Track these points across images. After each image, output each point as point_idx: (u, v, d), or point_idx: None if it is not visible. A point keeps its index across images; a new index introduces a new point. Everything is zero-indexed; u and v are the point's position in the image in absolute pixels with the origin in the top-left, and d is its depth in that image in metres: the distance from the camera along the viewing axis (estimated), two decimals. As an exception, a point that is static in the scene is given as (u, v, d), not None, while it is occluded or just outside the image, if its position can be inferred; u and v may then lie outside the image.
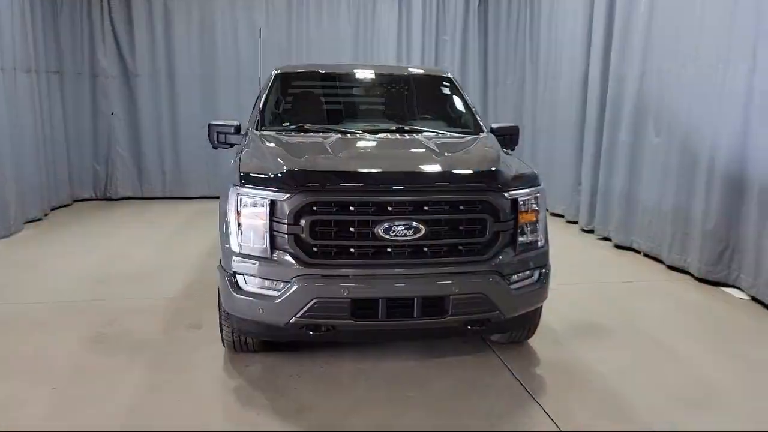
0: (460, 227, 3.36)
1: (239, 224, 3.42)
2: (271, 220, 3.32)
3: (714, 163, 5.47)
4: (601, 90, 7.36)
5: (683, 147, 5.90)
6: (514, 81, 10.02)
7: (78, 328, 4.42)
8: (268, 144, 3.98)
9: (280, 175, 3.37)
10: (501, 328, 3.66)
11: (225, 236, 3.53)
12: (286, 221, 3.28)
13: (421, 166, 3.67)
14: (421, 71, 5.45)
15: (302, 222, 3.26)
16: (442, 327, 3.45)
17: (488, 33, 10.32)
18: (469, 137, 4.43)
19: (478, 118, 4.76)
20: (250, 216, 3.39)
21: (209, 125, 4.65)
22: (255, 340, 3.86)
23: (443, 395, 3.51)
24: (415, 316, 3.31)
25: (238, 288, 3.42)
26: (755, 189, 5.08)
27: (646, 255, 6.54)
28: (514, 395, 3.52)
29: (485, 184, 3.42)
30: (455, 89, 5.05)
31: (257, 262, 3.37)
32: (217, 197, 3.88)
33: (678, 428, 3.17)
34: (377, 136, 4.33)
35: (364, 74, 5.20)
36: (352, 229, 3.29)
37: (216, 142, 4.66)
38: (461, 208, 3.35)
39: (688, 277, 5.80)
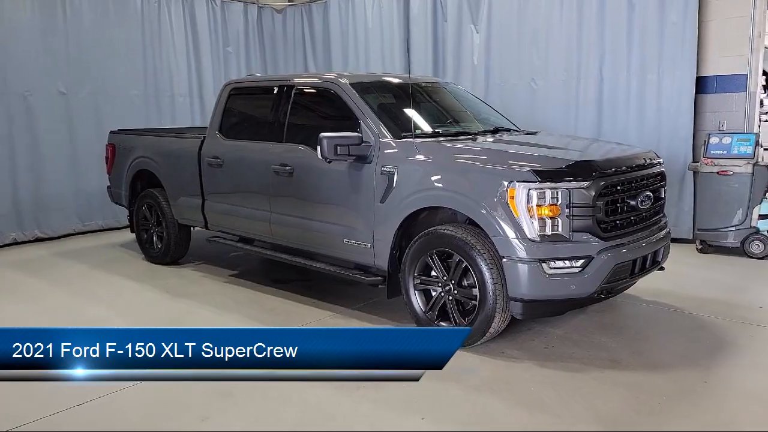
0: (657, 194, 4.46)
1: (533, 216, 3.77)
2: (571, 207, 3.80)
3: (578, 149, 7.65)
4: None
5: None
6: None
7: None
8: (472, 147, 4.32)
9: (573, 168, 3.91)
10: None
11: (510, 229, 3.83)
12: (589, 204, 3.83)
13: (632, 152, 4.56)
14: (446, 80, 6.00)
15: (599, 204, 3.87)
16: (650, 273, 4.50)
17: (266, 45, 10.56)
18: (542, 134, 5.40)
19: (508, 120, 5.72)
20: (549, 206, 3.80)
21: (322, 138, 4.42)
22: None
23: (652, 330, 4.57)
24: (647, 267, 4.28)
25: (544, 272, 3.76)
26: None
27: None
28: (684, 317, 4.76)
29: (662, 160, 4.61)
30: (474, 96, 5.87)
31: (561, 244, 3.82)
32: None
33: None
34: (499, 136, 4.97)
35: (428, 84, 5.58)
36: (619, 204, 4.06)
37: (334, 155, 4.44)
38: (659, 178, 4.48)
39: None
